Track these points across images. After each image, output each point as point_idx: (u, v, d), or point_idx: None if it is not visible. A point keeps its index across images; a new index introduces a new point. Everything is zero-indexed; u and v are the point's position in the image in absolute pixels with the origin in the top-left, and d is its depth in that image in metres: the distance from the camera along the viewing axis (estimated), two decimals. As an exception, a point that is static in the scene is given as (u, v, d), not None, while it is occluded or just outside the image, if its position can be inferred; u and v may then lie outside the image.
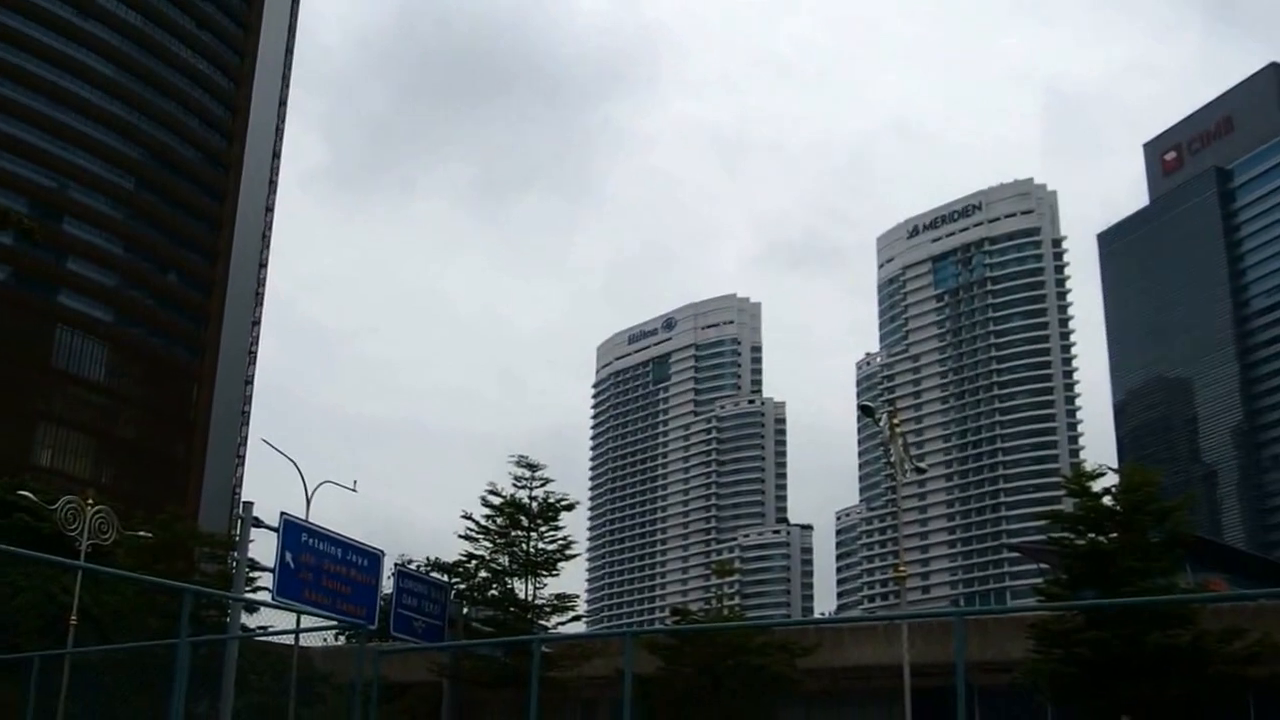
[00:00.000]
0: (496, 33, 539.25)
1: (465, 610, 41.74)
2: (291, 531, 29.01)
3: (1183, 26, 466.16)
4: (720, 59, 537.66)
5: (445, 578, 43.87)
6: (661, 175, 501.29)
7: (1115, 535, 36.52)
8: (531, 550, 42.75)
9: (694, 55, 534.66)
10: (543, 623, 42.82)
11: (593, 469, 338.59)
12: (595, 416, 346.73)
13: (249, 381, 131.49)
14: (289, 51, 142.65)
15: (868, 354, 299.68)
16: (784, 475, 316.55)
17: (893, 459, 41.50)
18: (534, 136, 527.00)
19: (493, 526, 43.16)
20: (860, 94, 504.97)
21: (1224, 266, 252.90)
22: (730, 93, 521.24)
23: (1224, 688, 35.35)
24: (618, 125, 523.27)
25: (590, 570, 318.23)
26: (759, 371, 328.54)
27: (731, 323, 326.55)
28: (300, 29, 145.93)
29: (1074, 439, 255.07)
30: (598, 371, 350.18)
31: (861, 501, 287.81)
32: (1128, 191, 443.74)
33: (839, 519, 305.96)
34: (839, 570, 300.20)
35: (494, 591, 43.61)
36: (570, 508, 44.16)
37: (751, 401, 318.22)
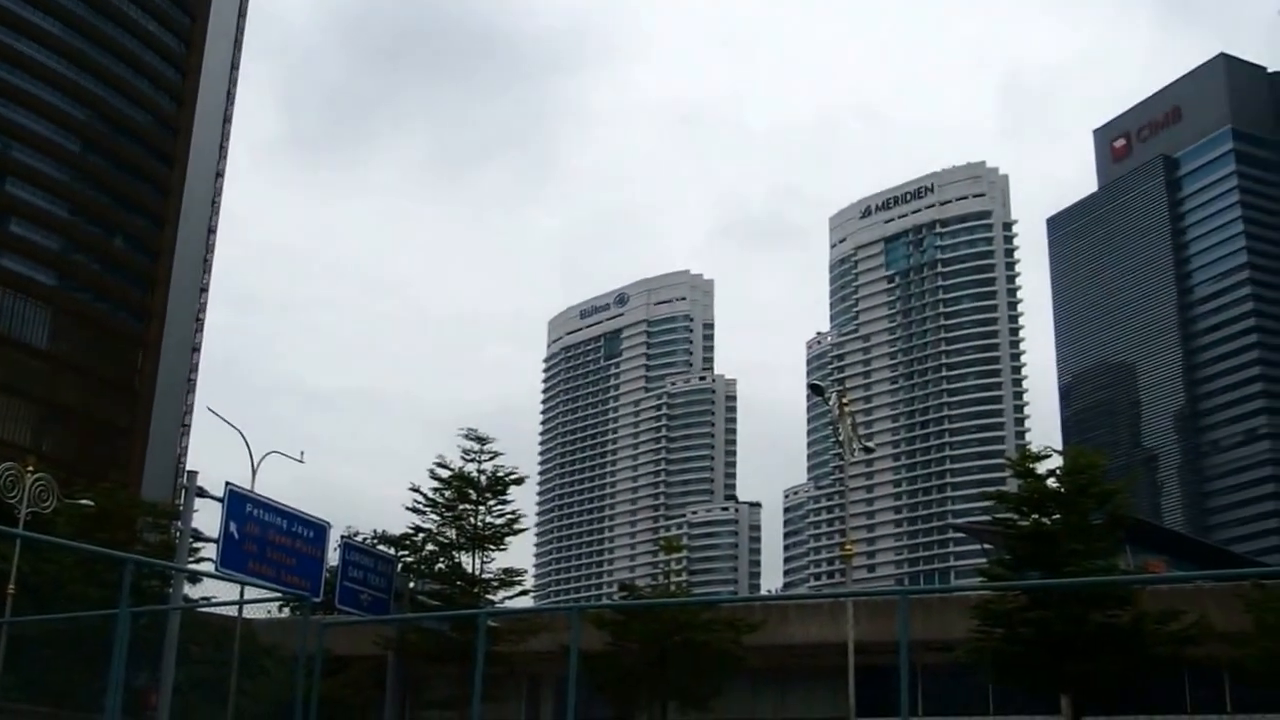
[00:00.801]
0: (457, 4, 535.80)
1: (411, 584, 41.56)
2: (236, 502, 28.73)
3: (1135, 16, 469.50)
4: (681, 34, 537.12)
5: (392, 551, 43.73)
6: (619, 150, 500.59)
7: (1058, 517, 36.83)
8: (479, 524, 42.58)
9: (655, 30, 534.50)
10: (490, 597, 42.66)
11: (542, 443, 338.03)
12: (546, 391, 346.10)
13: (196, 349, 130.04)
14: (242, 15, 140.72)
15: (818, 333, 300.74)
16: (733, 453, 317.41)
17: (841, 438, 41.61)
18: (493, 109, 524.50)
19: (440, 500, 42.93)
20: (819, 73, 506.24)
21: (1169, 254, 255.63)
22: (690, 69, 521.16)
23: (1161, 667, 35.82)
24: (577, 99, 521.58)
25: (538, 545, 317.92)
26: (710, 349, 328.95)
27: (684, 299, 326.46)
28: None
29: (1020, 421, 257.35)
30: (549, 346, 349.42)
31: (810, 480, 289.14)
32: (1078, 176, 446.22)
33: (787, 497, 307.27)
34: (786, 548, 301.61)
35: (441, 565, 43.44)
36: (519, 482, 44.02)
37: (703, 379, 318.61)
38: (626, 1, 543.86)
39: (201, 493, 28.65)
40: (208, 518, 31.35)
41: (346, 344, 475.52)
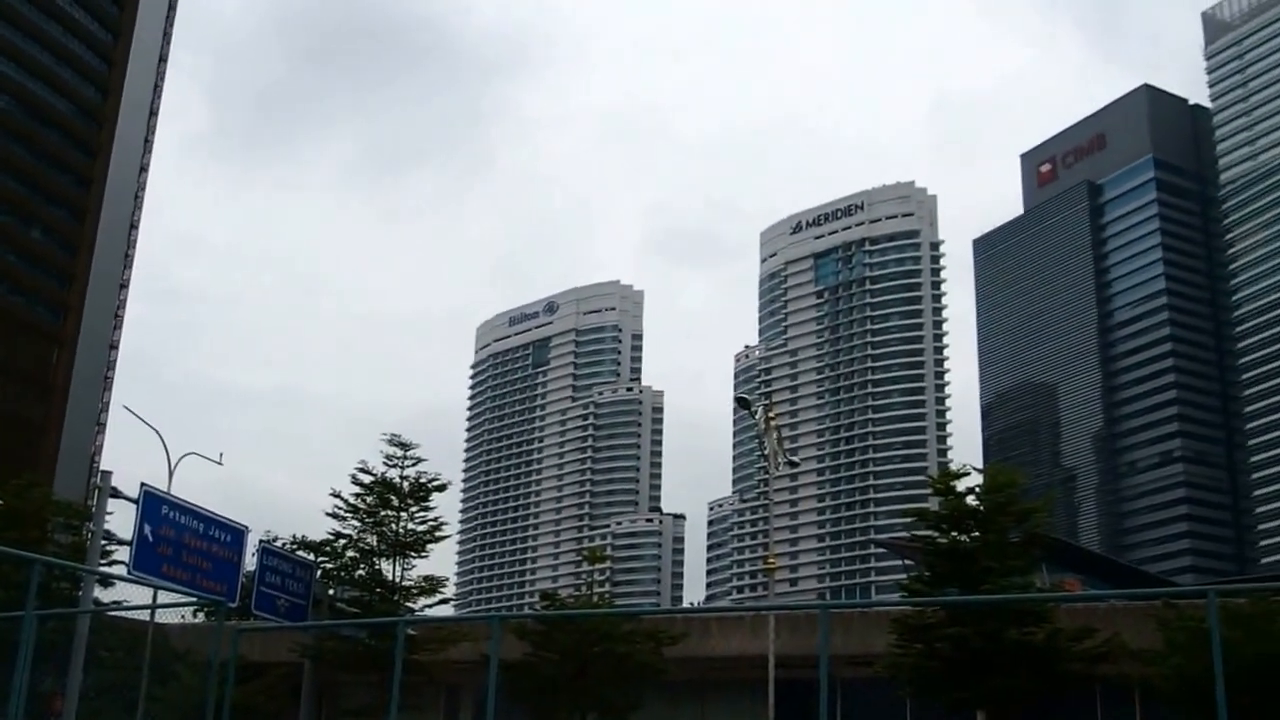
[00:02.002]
0: (395, 5, 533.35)
1: (330, 590, 41.10)
2: (151, 503, 28.23)
3: (1064, 44, 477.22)
4: (619, 45, 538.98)
5: (312, 556, 43.21)
6: (554, 157, 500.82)
7: (977, 534, 37.10)
8: (401, 531, 42.21)
9: (593, 40, 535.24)
10: (409, 605, 42.28)
11: (467, 450, 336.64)
12: (472, 397, 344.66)
13: (114, 346, 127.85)
14: (172, 7, 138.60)
15: (747, 346, 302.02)
16: (659, 464, 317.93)
17: (766, 451, 41.72)
18: (428, 110, 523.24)
19: (362, 506, 42.49)
20: (755, 88, 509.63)
21: (1091, 278, 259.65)
22: (628, 80, 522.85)
23: (1074, 684, 36.20)
24: (514, 106, 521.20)
25: (461, 553, 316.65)
26: (639, 359, 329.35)
27: (614, 309, 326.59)
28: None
29: (942, 438, 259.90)
30: (477, 352, 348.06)
31: (735, 493, 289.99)
32: (1005, 199, 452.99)
33: (712, 509, 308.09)
34: (709, 560, 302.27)
35: (361, 572, 42.99)
36: (442, 488, 43.61)
37: (630, 389, 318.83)
38: (566, 8, 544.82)
39: (115, 493, 28.11)
40: (122, 519, 30.88)
41: (270, 343, 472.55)
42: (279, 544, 45.24)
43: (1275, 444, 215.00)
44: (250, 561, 36.62)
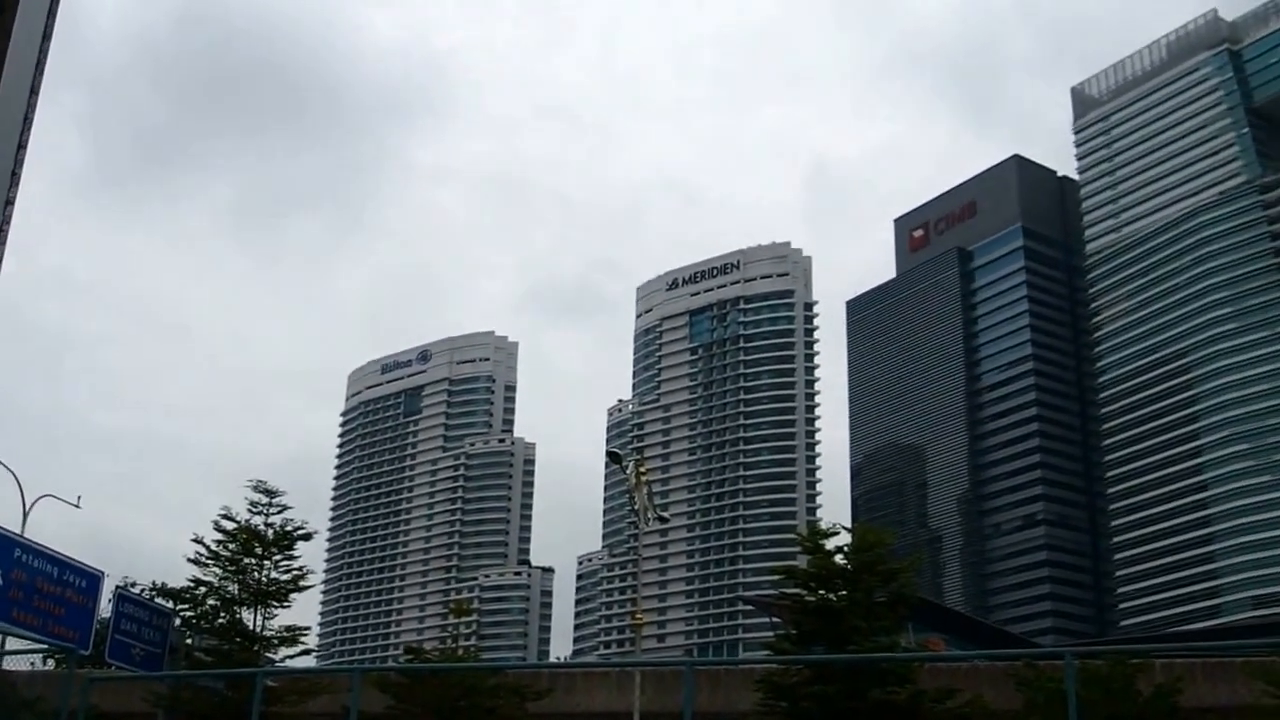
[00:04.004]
0: (281, 49, 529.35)
1: (189, 639, 40.07)
2: (4, 546, 27.35)
3: (938, 113, 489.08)
4: (504, 99, 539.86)
5: (170, 603, 42.11)
6: (435, 209, 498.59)
7: (845, 593, 37.38)
8: (263, 579, 41.35)
9: (479, 92, 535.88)
10: (270, 655, 41.38)
11: (335, 499, 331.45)
12: (341, 445, 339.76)
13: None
14: (46, 39, 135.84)
15: (620, 401, 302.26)
16: (529, 517, 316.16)
17: (636, 506, 41.73)
18: (308, 158, 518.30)
19: (224, 552, 41.57)
20: (637, 147, 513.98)
21: (960, 342, 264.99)
22: (511, 133, 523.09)
23: (937, 745, 36.52)
24: (396, 157, 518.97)
25: (325, 603, 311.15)
26: (511, 411, 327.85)
27: (488, 360, 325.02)
28: (67, 20, 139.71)
29: (812, 497, 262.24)
30: (347, 399, 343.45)
31: (604, 547, 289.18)
32: (878, 262, 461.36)
33: (581, 563, 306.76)
34: (578, 615, 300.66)
35: (221, 620, 41.99)
36: (307, 537, 42.81)
37: (502, 441, 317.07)
38: (451, 63, 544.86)
39: (-34, 535, 27.18)
40: (-29, 562, 29.80)
41: (137, 386, 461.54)
42: (138, 590, 44.08)
43: (1134, 509, 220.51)
44: (106, 608, 35.61)
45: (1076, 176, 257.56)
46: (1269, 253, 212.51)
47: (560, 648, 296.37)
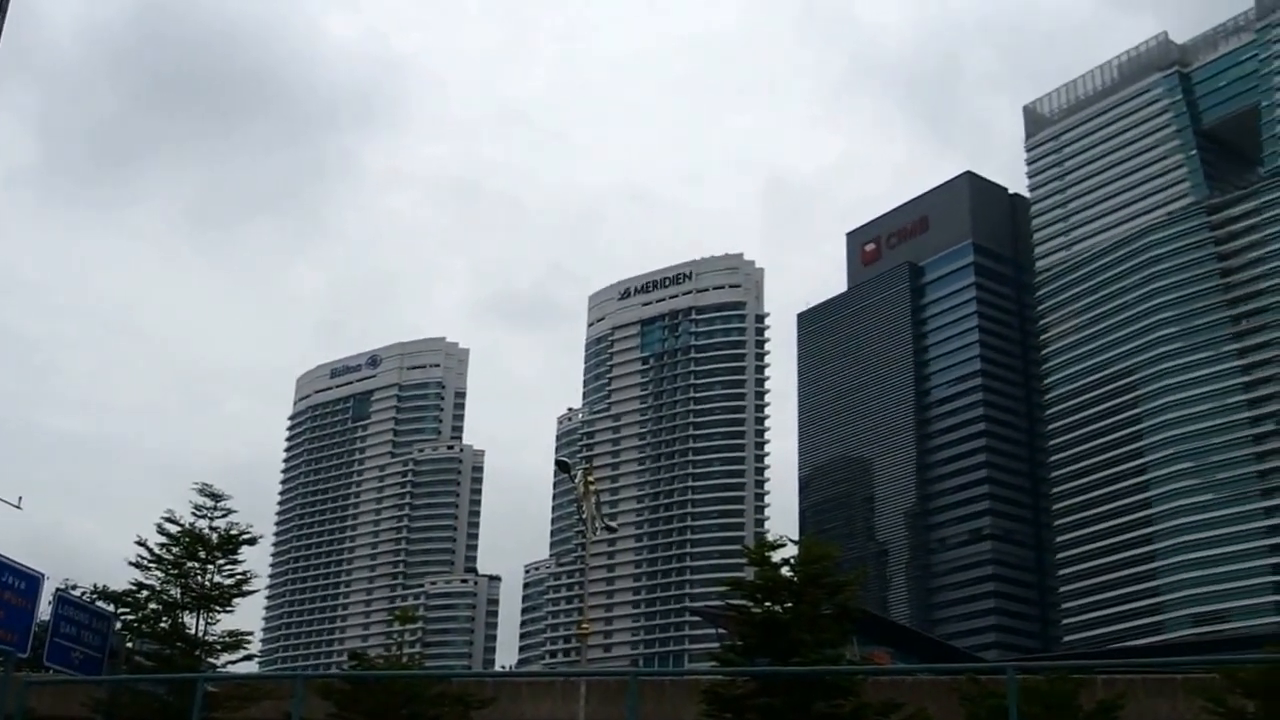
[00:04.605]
0: (240, 49, 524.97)
1: (129, 643, 39.65)
2: (-58, 547, 26.96)
3: (893, 129, 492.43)
4: (464, 103, 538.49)
5: (112, 607, 41.64)
6: (391, 213, 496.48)
7: (790, 605, 37.45)
8: (207, 583, 40.98)
9: (438, 96, 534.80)
10: (211, 660, 41.02)
11: (281, 503, 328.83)
12: (289, 449, 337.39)
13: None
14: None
15: (570, 409, 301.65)
16: (476, 524, 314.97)
17: (584, 516, 41.67)
18: (266, 160, 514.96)
19: (168, 556, 41.17)
20: (595, 154, 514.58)
21: (910, 356, 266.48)
22: (470, 138, 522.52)
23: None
24: (354, 162, 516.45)
25: (269, 608, 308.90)
26: (461, 418, 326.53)
27: (438, 366, 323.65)
28: (20, 16, 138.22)
29: (760, 509, 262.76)
30: (295, 403, 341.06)
31: (552, 556, 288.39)
32: (831, 276, 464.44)
33: (528, 572, 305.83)
34: (524, 624, 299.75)
35: (163, 625, 41.57)
36: (252, 541, 42.48)
37: (451, 447, 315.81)
38: (411, 69, 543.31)
39: (-97, 535, 26.82)
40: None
41: (85, 387, 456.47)
42: (79, 593, 43.53)
43: (1079, 525, 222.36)
44: (46, 610, 35.17)
45: (1027, 194, 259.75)
46: (1215, 274, 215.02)
47: (506, 656, 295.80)
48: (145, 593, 41.63)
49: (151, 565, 41.16)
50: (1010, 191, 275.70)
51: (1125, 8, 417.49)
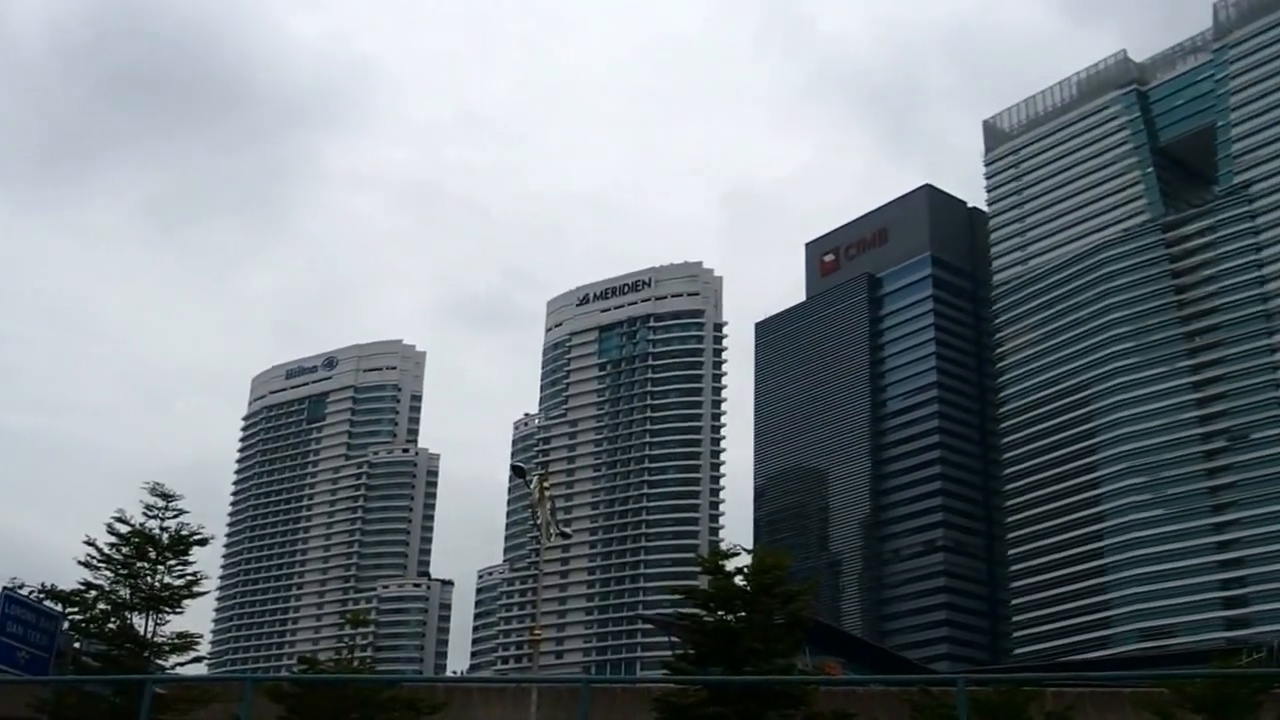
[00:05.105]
0: (202, 48, 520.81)
1: (77, 643, 39.28)
2: (-114, 544, 26.62)
3: (855, 141, 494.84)
4: (427, 106, 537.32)
5: (60, 607, 41.23)
6: (352, 215, 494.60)
7: (743, 614, 37.52)
8: (156, 584, 40.64)
9: (402, 98, 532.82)
10: (160, 662, 40.68)
11: (233, 504, 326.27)
12: (243, 450, 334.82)
13: None
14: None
15: (526, 415, 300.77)
16: (430, 528, 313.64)
17: (539, 521, 41.59)
18: (228, 159, 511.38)
19: (117, 556, 40.81)
20: (558, 159, 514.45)
21: (867, 367, 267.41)
22: (433, 141, 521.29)
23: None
24: (316, 163, 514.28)
25: (219, 610, 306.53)
26: (417, 421, 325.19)
27: (395, 368, 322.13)
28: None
29: (715, 517, 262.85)
30: (250, 404, 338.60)
31: (505, 561, 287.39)
32: (790, 285, 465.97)
33: (481, 577, 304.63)
34: (476, 629, 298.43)
35: (112, 625, 41.18)
36: (203, 542, 42.20)
37: (406, 450, 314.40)
38: (376, 67, 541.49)
39: None
40: None
41: (36, 384, 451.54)
42: (27, 592, 43.10)
43: (1031, 538, 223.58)
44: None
45: (986, 208, 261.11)
46: (1169, 290, 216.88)
47: (458, 661, 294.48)
48: (94, 593, 41.29)
49: (101, 565, 40.83)
50: (969, 205, 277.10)
51: (1086, 25, 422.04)
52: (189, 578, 41.53)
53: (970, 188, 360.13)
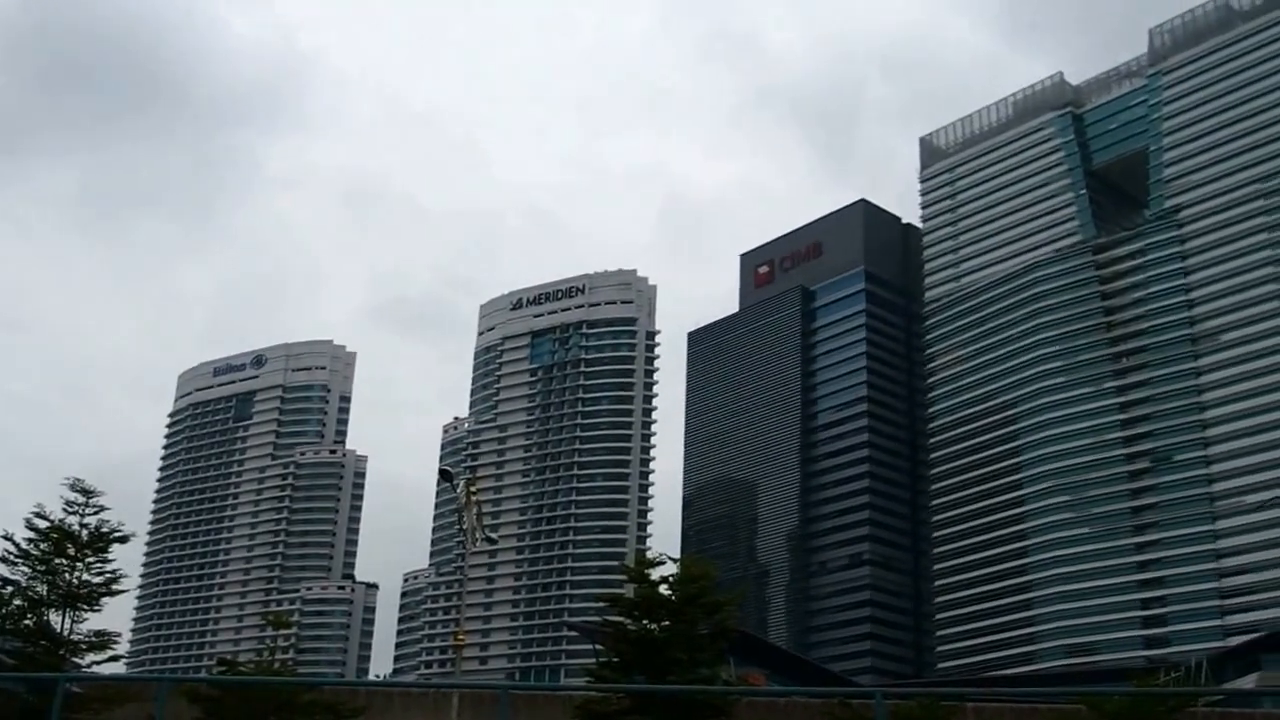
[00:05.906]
0: (138, 40, 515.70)
1: (-10, 640, 38.65)
2: None
3: (793, 154, 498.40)
4: (367, 107, 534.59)
5: (-27, 603, 40.52)
6: (287, 213, 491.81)
7: (668, 624, 37.55)
8: (75, 581, 40.08)
9: (341, 99, 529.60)
10: (76, 660, 40.11)
11: (157, 501, 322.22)
12: (167, 447, 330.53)
13: None
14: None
15: (456, 418, 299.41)
16: (356, 531, 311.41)
17: (466, 526, 41.40)
18: (161, 155, 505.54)
19: (35, 552, 40.20)
20: (497, 165, 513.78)
21: (798, 379, 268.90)
22: (371, 142, 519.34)
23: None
24: (253, 160, 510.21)
25: (139, 609, 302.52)
26: (345, 422, 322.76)
27: (324, 369, 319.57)
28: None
29: (643, 525, 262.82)
30: (176, 401, 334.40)
31: (431, 566, 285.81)
32: (723, 295, 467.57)
33: (406, 581, 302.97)
34: (400, 633, 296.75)
35: (27, 622, 40.55)
36: (124, 539, 41.68)
37: (333, 452, 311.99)
38: (316, 66, 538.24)
39: None
40: None
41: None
42: (-62, 588, 42.32)
43: (956, 554, 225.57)
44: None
45: (920, 224, 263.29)
46: (1098, 312, 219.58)
47: (381, 666, 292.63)
48: (10, 589, 40.68)
49: (18, 560, 40.25)
50: (904, 221, 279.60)
51: (1023, 47, 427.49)
52: (108, 575, 41.04)
53: (906, 204, 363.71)
